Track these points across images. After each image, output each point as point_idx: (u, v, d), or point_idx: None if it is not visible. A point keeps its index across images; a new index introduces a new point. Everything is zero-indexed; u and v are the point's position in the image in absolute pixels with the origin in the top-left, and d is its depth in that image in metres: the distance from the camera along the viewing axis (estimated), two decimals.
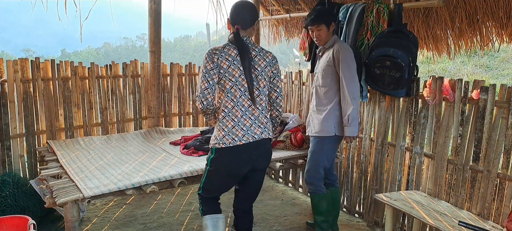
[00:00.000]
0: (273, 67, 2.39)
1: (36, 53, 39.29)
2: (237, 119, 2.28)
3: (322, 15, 2.91)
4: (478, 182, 2.70)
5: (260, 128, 2.33)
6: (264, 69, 2.33)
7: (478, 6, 3.22)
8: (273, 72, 2.39)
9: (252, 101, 2.29)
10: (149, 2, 4.08)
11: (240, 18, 2.30)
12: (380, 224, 3.45)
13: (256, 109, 2.32)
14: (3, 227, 2.69)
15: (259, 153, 2.35)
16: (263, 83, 2.33)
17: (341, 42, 2.99)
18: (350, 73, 2.84)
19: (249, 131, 2.29)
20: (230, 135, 2.27)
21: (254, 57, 2.30)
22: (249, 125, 2.29)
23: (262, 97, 2.35)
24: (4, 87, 3.57)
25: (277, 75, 2.41)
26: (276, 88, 2.42)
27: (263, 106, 2.36)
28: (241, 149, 2.28)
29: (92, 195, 2.52)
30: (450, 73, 9.90)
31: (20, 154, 3.70)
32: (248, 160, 2.32)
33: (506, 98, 2.54)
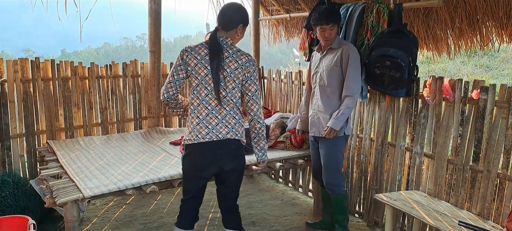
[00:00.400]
0: (246, 70, 2.30)
1: (36, 53, 39.28)
2: (202, 116, 2.30)
3: (334, 14, 2.90)
4: (478, 182, 2.70)
5: (227, 128, 2.31)
6: (234, 71, 2.28)
7: (478, 6, 3.22)
8: (246, 75, 2.31)
9: (219, 102, 2.28)
10: (149, 2, 4.08)
11: (221, 18, 2.33)
12: (380, 224, 3.45)
13: (224, 109, 2.31)
14: (3, 227, 2.69)
15: (223, 152, 2.32)
16: (231, 85, 2.28)
17: (348, 43, 3.00)
18: (355, 75, 2.88)
19: (214, 129, 2.29)
20: (195, 131, 2.30)
21: (225, 59, 2.27)
22: (215, 124, 2.29)
23: (231, 99, 2.30)
24: (4, 87, 3.57)
25: (250, 79, 2.32)
26: (248, 91, 2.34)
27: (231, 107, 2.32)
28: (204, 146, 2.29)
29: (92, 195, 2.52)
30: (450, 73, 9.90)
31: (20, 154, 3.70)
32: (212, 159, 2.32)
33: (506, 98, 2.54)
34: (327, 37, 2.92)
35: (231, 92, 2.30)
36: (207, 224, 3.55)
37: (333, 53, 2.96)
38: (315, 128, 3.08)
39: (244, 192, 4.35)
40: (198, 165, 2.35)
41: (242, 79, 2.32)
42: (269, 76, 4.80)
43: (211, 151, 2.31)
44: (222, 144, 2.30)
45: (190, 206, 2.51)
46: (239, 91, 2.34)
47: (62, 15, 3.75)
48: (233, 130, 2.32)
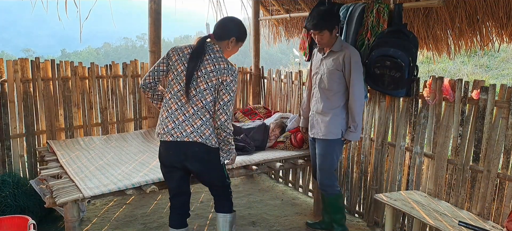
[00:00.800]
0: (222, 76, 2.29)
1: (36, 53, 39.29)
2: (171, 110, 2.37)
3: (325, 20, 2.85)
4: (478, 182, 2.70)
5: (192, 127, 2.33)
6: (208, 73, 2.29)
7: (478, 6, 3.22)
8: (220, 81, 2.29)
9: (187, 99, 2.32)
10: (149, 2, 4.08)
11: (216, 27, 2.43)
12: (380, 224, 3.45)
13: (191, 108, 2.33)
14: (3, 227, 2.69)
15: (187, 155, 2.37)
16: (203, 86, 2.29)
17: (350, 47, 2.97)
18: (359, 81, 2.90)
19: (179, 126, 2.34)
20: (162, 124, 2.39)
21: (204, 60, 2.31)
22: (181, 121, 2.34)
23: (201, 99, 2.31)
24: (4, 87, 3.57)
25: (225, 88, 2.30)
26: (220, 100, 2.31)
27: (200, 108, 2.32)
28: (169, 145, 2.38)
29: (92, 195, 2.52)
30: (450, 73, 9.90)
31: (20, 154, 3.70)
32: (176, 158, 2.39)
33: (506, 98, 2.54)
34: (319, 41, 2.93)
35: (201, 93, 2.31)
36: (207, 224, 3.55)
37: (334, 56, 2.94)
38: (314, 130, 3.09)
39: (244, 192, 4.35)
40: (164, 162, 2.47)
41: (215, 83, 2.30)
42: (269, 76, 4.80)
43: (175, 151, 2.38)
44: (185, 146, 2.34)
45: (177, 203, 2.60)
46: (211, 95, 2.32)
47: (62, 15, 3.75)
48: (198, 131, 2.33)
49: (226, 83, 2.30)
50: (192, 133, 2.33)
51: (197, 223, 3.56)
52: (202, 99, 2.32)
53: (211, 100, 2.33)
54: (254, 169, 3.21)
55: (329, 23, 2.85)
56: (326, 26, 2.84)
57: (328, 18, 2.88)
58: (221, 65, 2.31)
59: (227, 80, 2.30)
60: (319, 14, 2.90)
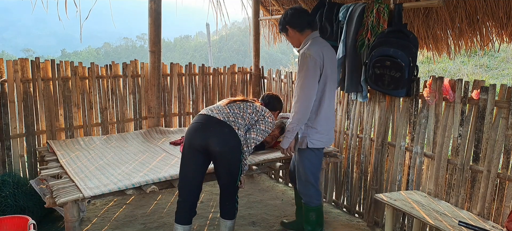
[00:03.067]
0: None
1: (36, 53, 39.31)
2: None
3: (284, 21, 2.80)
4: (478, 182, 2.70)
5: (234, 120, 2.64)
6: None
7: (478, 6, 3.22)
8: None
9: None
10: (149, 2, 4.08)
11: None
12: (380, 224, 3.45)
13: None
14: (3, 227, 2.69)
15: (215, 131, 2.55)
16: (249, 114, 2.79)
17: (311, 44, 2.69)
18: (299, 84, 2.65)
19: (224, 114, 2.66)
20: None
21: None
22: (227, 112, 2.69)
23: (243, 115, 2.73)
24: (4, 87, 3.57)
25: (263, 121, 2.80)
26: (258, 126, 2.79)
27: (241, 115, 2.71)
28: (203, 117, 2.63)
29: (92, 195, 2.52)
30: (450, 73, 9.90)
31: (20, 154, 3.70)
32: (203, 132, 2.57)
33: (506, 98, 2.54)
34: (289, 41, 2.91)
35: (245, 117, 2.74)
36: (207, 224, 3.55)
37: (299, 58, 2.81)
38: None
39: (244, 192, 4.35)
40: (191, 131, 2.61)
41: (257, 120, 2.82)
42: (269, 76, 4.80)
43: (207, 123, 2.58)
44: (219, 124, 2.57)
45: (186, 200, 2.67)
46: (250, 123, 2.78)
47: (62, 15, 3.75)
48: (237, 123, 2.62)
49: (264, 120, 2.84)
50: (233, 121, 2.62)
51: (197, 223, 3.56)
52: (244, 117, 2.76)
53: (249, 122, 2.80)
54: (254, 169, 3.21)
55: (281, 25, 2.82)
56: (281, 29, 2.84)
57: (282, 20, 2.82)
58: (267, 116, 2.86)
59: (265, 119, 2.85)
60: (283, 14, 2.83)
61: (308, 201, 2.95)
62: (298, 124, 2.70)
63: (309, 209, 2.96)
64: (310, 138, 2.77)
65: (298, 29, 2.76)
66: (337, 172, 3.93)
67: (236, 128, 2.59)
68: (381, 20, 3.13)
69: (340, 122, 3.84)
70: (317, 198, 2.94)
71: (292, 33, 2.79)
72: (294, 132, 2.74)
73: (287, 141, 2.80)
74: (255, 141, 2.72)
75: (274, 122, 2.83)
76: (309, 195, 2.93)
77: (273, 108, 3.30)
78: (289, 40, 2.89)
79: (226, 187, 2.70)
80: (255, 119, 2.76)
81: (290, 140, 2.79)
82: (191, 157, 2.61)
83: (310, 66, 2.61)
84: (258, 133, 2.73)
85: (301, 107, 2.66)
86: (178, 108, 4.71)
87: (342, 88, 3.55)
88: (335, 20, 3.54)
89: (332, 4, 3.61)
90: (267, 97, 3.35)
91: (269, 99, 3.34)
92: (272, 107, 3.28)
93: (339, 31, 3.48)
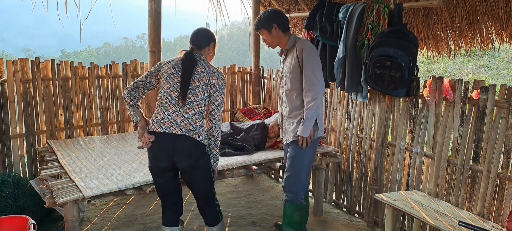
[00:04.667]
0: (213, 78, 2.50)
1: (36, 53, 39.30)
2: (168, 112, 2.46)
3: (260, 20, 2.81)
4: (478, 182, 2.70)
5: (192, 126, 2.45)
6: (202, 79, 2.46)
7: (478, 6, 3.22)
8: (212, 82, 2.50)
9: (184, 104, 2.44)
10: (149, 2, 4.08)
11: (194, 40, 2.59)
12: (380, 224, 3.45)
13: (191, 110, 2.46)
14: (3, 227, 2.69)
15: (178, 149, 2.44)
16: (201, 95, 2.47)
17: (303, 40, 2.82)
18: (313, 72, 2.70)
19: (177, 125, 2.44)
20: (157, 124, 2.47)
21: (201, 72, 2.47)
22: (180, 121, 2.44)
23: (199, 101, 2.47)
24: (4, 87, 3.57)
25: (218, 90, 2.51)
26: (214, 101, 2.52)
27: (198, 111, 2.47)
28: (162, 137, 2.45)
29: (92, 195, 2.52)
30: (450, 73, 9.90)
31: (20, 154, 3.70)
32: (166, 151, 2.45)
33: (506, 98, 2.54)
34: (264, 41, 2.89)
35: (199, 101, 2.47)
36: None
37: (290, 53, 2.83)
38: (287, 136, 2.92)
39: (244, 192, 4.35)
40: (154, 155, 2.50)
41: (207, 83, 2.49)
42: (269, 76, 4.80)
43: (166, 143, 2.44)
44: (178, 139, 2.43)
45: (169, 203, 2.66)
46: (205, 98, 2.50)
47: (62, 15, 3.75)
48: (196, 130, 2.45)
49: (219, 86, 2.51)
50: (191, 130, 2.45)
51: (197, 223, 3.56)
52: (195, 95, 2.46)
53: (203, 98, 2.49)
54: (254, 169, 3.21)
55: (265, 22, 2.79)
56: (262, 26, 2.81)
57: (264, 18, 2.80)
58: (211, 69, 2.52)
59: (220, 83, 2.52)
60: (260, 15, 2.84)
61: (293, 199, 2.88)
62: (317, 110, 2.71)
63: (293, 208, 2.89)
64: (319, 126, 2.79)
65: (282, 29, 2.81)
66: (337, 172, 3.93)
67: (196, 136, 2.44)
68: (381, 20, 3.13)
69: (340, 122, 3.84)
70: (302, 195, 2.89)
71: (275, 32, 2.80)
72: (313, 119, 2.72)
73: (308, 129, 2.73)
74: (220, 120, 2.57)
75: (223, 79, 2.55)
76: (296, 192, 2.87)
77: (206, 42, 2.61)
78: (267, 39, 2.84)
79: (203, 196, 2.63)
80: (210, 92, 2.50)
81: (310, 127, 2.73)
82: (161, 176, 2.54)
83: (317, 56, 2.75)
84: (218, 111, 2.54)
85: (319, 92, 2.69)
86: None
87: (342, 88, 3.55)
88: (335, 20, 3.54)
89: (332, 4, 3.61)
90: (195, 38, 2.61)
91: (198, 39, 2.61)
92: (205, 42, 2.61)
93: (339, 31, 3.48)
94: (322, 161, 3.54)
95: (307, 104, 2.72)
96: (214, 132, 2.56)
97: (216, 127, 2.55)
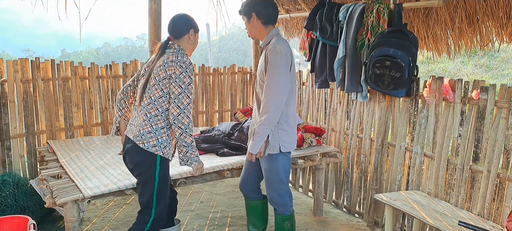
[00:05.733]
0: (169, 69, 2.23)
1: (36, 53, 39.30)
2: (132, 115, 2.44)
3: (243, 5, 2.54)
4: (478, 182, 2.70)
5: (136, 123, 2.32)
6: (157, 70, 2.25)
7: (478, 6, 3.21)
8: (169, 73, 2.23)
9: (140, 100, 2.33)
10: (149, 2, 4.08)
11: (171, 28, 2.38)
12: (380, 224, 3.45)
13: (141, 106, 2.31)
14: (3, 227, 2.69)
15: (126, 153, 2.37)
16: (152, 82, 2.25)
17: (278, 40, 2.49)
18: (274, 82, 2.39)
19: (132, 123, 2.38)
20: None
21: (159, 66, 2.25)
22: (134, 117, 2.38)
23: (150, 95, 2.26)
24: (4, 87, 3.57)
25: (174, 80, 2.22)
26: (172, 93, 2.23)
27: (146, 104, 2.27)
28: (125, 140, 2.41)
29: (92, 195, 2.52)
30: (450, 73, 9.90)
31: (20, 154, 3.70)
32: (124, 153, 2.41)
33: (506, 98, 2.54)
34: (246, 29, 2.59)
35: (150, 89, 2.26)
36: (207, 224, 3.55)
37: (263, 53, 2.53)
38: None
39: None
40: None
41: (163, 77, 2.23)
42: None
43: (124, 146, 2.40)
44: (127, 143, 2.35)
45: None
46: (160, 90, 2.24)
47: (62, 15, 3.75)
48: (143, 136, 2.26)
49: (176, 75, 2.21)
50: (137, 136, 2.28)
51: (197, 223, 3.56)
52: (151, 95, 2.26)
53: (161, 96, 2.24)
54: None
55: (246, 8, 2.52)
56: (242, 11, 2.55)
57: (245, 3, 2.53)
58: (170, 58, 2.24)
59: (177, 73, 2.21)
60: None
61: (283, 210, 2.73)
62: (269, 125, 2.44)
63: (284, 219, 2.75)
64: (283, 141, 2.54)
65: (263, 21, 2.51)
66: (337, 172, 3.93)
67: (140, 143, 2.25)
68: (381, 20, 3.13)
69: (340, 122, 3.84)
70: (291, 204, 2.76)
71: (254, 22, 2.51)
72: (265, 135, 2.47)
73: (258, 145, 2.48)
74: (182, 116, 2.22)
75: (183, 67, 2.22)
76: (284, 204, 2.71)
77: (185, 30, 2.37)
78: (248, 29, 2.57)
79: (140, 202, 2.40)
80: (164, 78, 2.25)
81: (260, 144, 2.49)
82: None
83: (282, 63, 2.40)
84: (177, 104, 2.21)
85: (274, 107, 2.40)
86: None
87: (342, 88, 3.55)
88: (335, 20, 3.54)
89: (332, 4, 3.61)
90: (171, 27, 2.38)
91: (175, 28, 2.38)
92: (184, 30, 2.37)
93: (339, 31, 3.48)
94: (322, 161, 3.54)
95: (260, 117, 2.45)
96: (176, 128, 2.23)
97: (176, 124, 2.22)
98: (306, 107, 4.22)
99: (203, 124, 4.84)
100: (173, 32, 2.35)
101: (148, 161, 2.28)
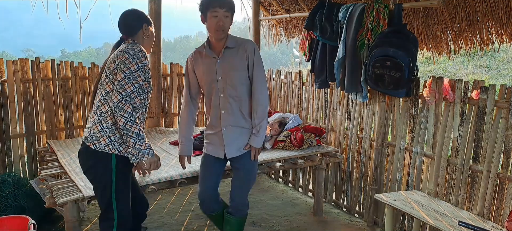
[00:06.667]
0: (117, 59, 2.09)
1: (36, 53, 39.27)
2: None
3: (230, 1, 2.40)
4: (478, 182, 2.70)
5: (89, 124, 2.20)
6: (108, 64, 2.15)
7: (478, 6, 3.22)
8: (117, 63, 2.08)
9: (91, 107, 2.22)
10: (149, 2, 4.08)
11: (122, 28, 2.23)
12: (380, 224, 3.45)
13: (95, 114, 2.17)
14: (3, 227, 2.69)
15: (78, 152, 2.27)
16: (103, 77, 2.14)
17: (246, 39, 2.60)
18: (264, 80, 2.52)
19: (87, 129, 2.23)
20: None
21: (108, 64, 2.14)
22: (90, 125, 2.21)
23: (101, 91, 2.14)
24: (4, 87, 3.57)
25: (118, 66, 2.06)
26: (114, 80, 2.07)
27: (98, 100, 2.15)
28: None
29: (92, 195, 2.51)
30: (450, 73, 9.90)
31: (20, 154, 3.70)
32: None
33: (506, 98, 2.54)
34: (220, 25, 2.36)
35: (102, 84, 2.15)
36: (207, 224, 3.55)
37: (234, 54, 2.47)
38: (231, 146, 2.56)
39: None
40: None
41: (112, 68, 2.10)
42: (269, 77, 4.80)
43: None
44: (81, 146, 2.26)
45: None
46: (110, 83, 2.11)
47: (62, 15, 3.75)
48: (93, 136, 2.13)
49: (120, 61, 2.05)
50: (85, 131, 2.19)
51: (197, 223, 3.56)
52: (102, 91, 2.13)
53: (112, 90, 2.07)
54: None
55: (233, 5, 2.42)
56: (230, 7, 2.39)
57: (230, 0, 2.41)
58: (119, 48, 2.15)
59: (122, 59, 2.05)
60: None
61: (245, 212, 2.69)
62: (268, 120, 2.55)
63: (242, 221, 2.71)
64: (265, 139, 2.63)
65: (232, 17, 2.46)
66: (337, 172, 3.93)
67: (90, 143, 2.12)
68: (381, 20, 3.13)
69: (340, 122, 3.84)
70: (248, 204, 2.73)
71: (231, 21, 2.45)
72: (266, 129, 2.58)
73: (262, 139, 2.57)
74: (124, 103, 2.01)
75: (130, 53, 2.06)
76: (246, 204, 2.68)
77: (137, 26, 2.24)
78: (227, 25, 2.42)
79: (100, 205, 2.29)
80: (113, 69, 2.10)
81: (264, 137, 2.58)
82: None
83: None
84: (119, 91, 2.02)
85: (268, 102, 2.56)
86: (178, 108, 4.71)
87: (342, 88, 3.55)
88: (335, 20, 3.54)
89: (332, 4, 3.61)
90: (122, 26, 2.26)
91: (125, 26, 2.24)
92: (136, 26, 2.23)
93: (339, 31, 3.48)
94: (322, 161, 3.54)
95: (262, 113, 2.50)
96: (118, 117, 2.02)
97: (117, 112, 2.01)
98: (306, 107, 4.22)
99: (202, 124, 4.84)
100: (126, 30, 2.20)
101: (101, 162, 2.12)
